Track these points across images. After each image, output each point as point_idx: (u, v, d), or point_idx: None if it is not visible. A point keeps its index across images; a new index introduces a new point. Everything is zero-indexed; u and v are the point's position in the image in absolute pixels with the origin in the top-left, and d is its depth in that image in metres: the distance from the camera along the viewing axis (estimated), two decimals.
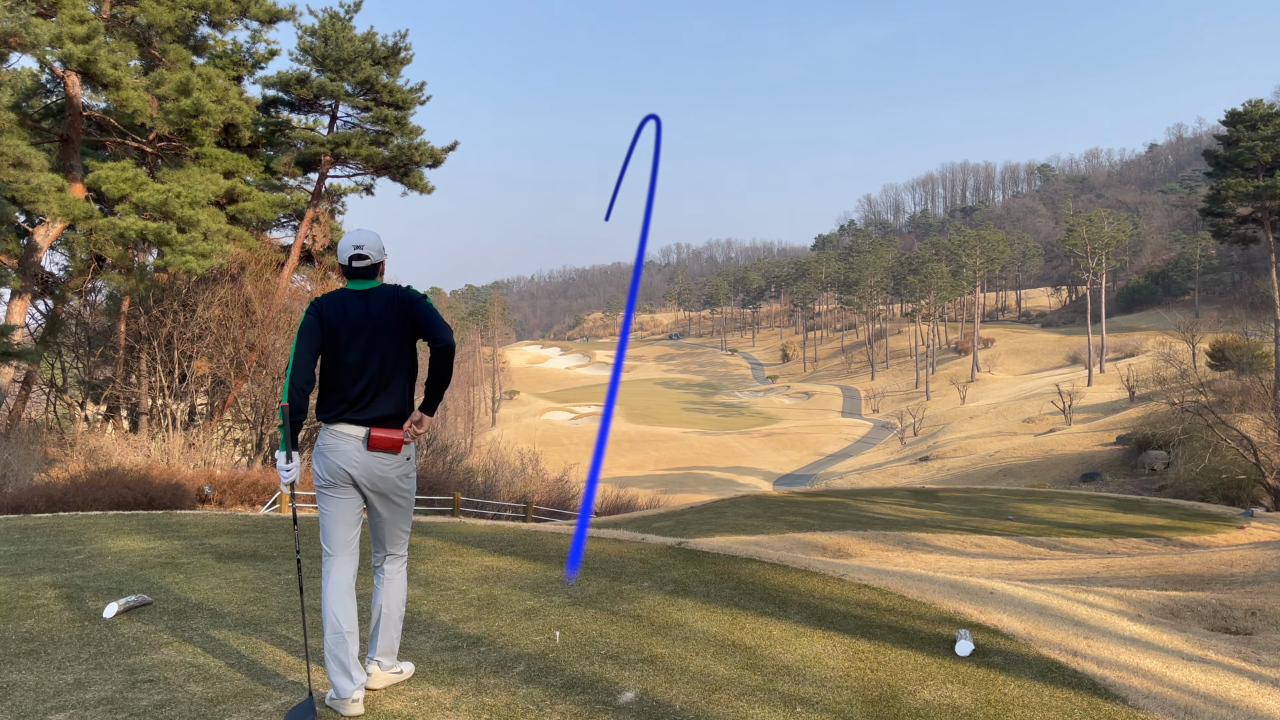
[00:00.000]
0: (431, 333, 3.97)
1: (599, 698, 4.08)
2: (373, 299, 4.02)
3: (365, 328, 3.95)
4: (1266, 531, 21.57)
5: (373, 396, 3.92)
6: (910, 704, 4.22)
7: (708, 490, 63.06)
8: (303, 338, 3.92)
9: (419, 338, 4.05)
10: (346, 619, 3.84)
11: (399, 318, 3.98)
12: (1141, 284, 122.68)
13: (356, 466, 3.88)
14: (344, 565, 3.95)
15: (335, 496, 3.94)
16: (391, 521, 4.07)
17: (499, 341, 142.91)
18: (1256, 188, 51.88)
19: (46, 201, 20.66)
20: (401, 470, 4.00)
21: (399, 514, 4.08)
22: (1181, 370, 55.87)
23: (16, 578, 6.22)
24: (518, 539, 8.53)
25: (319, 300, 4.05)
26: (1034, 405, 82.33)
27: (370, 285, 4.07)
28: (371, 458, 3.90)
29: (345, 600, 3.88)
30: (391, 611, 4.06)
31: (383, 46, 29.03)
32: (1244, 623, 7.24)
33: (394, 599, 4.06)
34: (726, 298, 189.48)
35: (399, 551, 4.14)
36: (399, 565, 4.14)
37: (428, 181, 30.50)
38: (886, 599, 6.44)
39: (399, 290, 4.06)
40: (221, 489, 19.00)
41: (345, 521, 3.97)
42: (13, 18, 19.22)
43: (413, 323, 4.00)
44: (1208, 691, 4.90)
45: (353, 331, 3.94)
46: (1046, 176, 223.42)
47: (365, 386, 3.92)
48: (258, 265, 26.63)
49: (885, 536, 17.33)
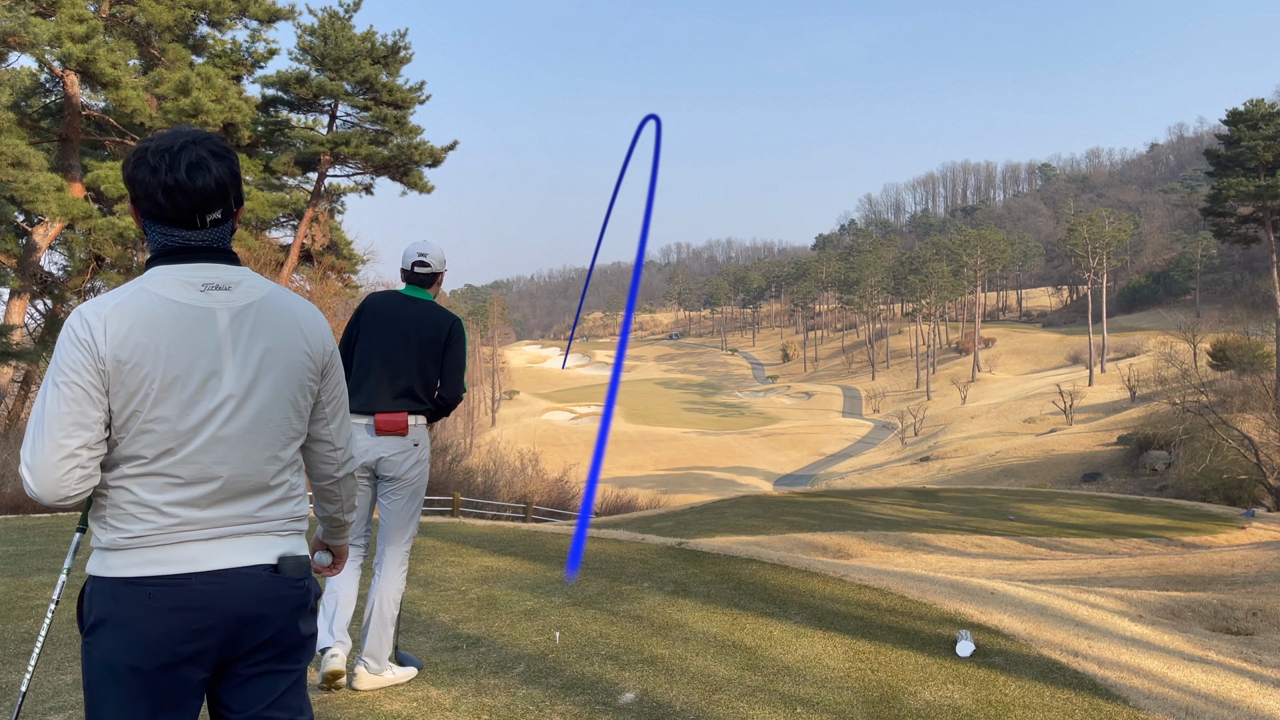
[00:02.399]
0: (448, 376, 4.15)
1: (599, 698, 4.06)
2: (417, 308, 4.18)
3: (400, 333, 4.10)
4: (1267, 532, 21.56)
5: (385, 393, 4.05)
6: (911, 704, 4.21)
7: (708, 490, 63.05)
8: (344, 333, 4.18)
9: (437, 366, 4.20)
10: (339, 584, 4.01)
11: (432, 337, 4.13)
12: (1142, 284, 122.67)
13: (366, 453, 4.00)
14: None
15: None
16: (393, 512, 4.10)
17: (499, 341, 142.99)
18: (1258, 187, 51.86)
19: (45, 201, 20.66)
20: (408, 456, 4.06)
21: (402, 506, 4.10)
22: (1182, 370, 55.83)
23: (16, 578, 6.21)
24: (518, 539, 8.52)
25: (368, 297, 4.28)
26: (1035, 405, 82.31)
27: (421, 295, 4.25)
28: (378, 442, 4.00)
29: (346, 573, 4.04)
30: (382, 610, 4.02)
31: (382, 46, 29.03)
32: (1245, 623, 7.23)
33: (385, 596, 4.03)
34: (727, 297, 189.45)
35: (398, 548, 4.13)
36: (395, 563, 4.12)
37: (427, 181, 30.51)
38: (887, 599, 6.43)
39: (446, 315, 4.20)
40: None
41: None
42: (12, 17, 19.22)
43: (439, 350, 4.15)
44: (1209, 692, 4.89)
45: (387, 333, 4.10)
46: (1047, 176, 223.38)
47: (380, 384, 4.05)
48: (257, 265, 26.61)
49: (886, 537, 17.32)
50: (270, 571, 1.94)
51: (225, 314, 1.92)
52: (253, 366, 1.94)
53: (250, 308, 1.96)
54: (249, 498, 1.94)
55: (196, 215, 1.92)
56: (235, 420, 1.91)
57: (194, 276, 1.92)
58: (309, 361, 2.04)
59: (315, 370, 2.06)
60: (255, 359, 1.94)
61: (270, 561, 1.95)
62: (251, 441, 1.93)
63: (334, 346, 2.12)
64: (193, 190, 1.89)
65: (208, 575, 1.86)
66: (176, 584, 1.83)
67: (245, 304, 1.95)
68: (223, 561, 1.88)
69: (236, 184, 1.98)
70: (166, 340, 1.86)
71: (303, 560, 2.01)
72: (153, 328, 1.85)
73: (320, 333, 2.08)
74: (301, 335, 2.03)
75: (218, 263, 1.96)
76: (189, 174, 1.89)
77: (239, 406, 1.92)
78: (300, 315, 2.05)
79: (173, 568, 1.84)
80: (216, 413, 1.89)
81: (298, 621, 1.99)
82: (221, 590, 1.86)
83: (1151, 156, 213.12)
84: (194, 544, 1.87)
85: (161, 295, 1.89)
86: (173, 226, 1.93)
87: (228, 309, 1.93)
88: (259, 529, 1.95)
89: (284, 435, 1.99)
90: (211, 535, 1.89)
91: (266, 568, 1.94)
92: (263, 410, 1.95)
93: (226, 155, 1.96)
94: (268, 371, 1.96)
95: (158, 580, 1.82)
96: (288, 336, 2.00)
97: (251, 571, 1.91)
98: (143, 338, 1.84)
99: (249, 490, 1.94)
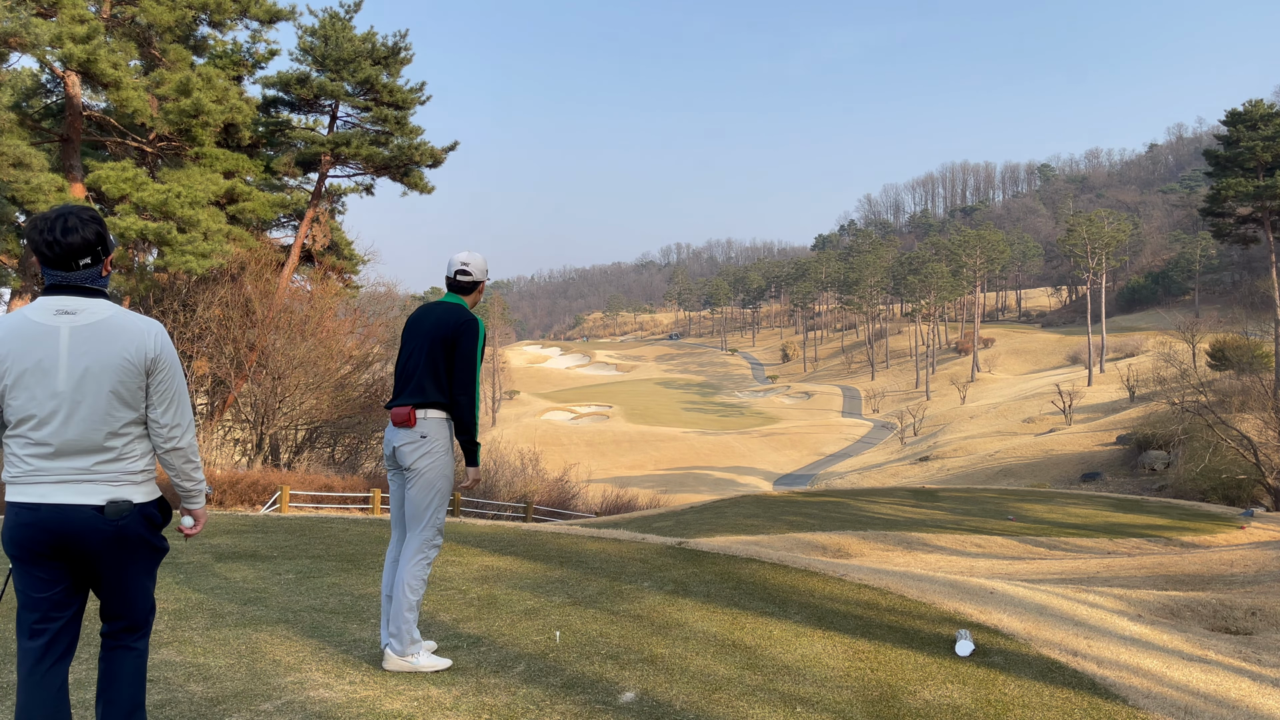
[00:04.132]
0: (456, 373, 4.29)
1: (599, 698, 4.08)
2: (442, 310, 4.40)
3: (421, 334, 4.36)
4: (1266, 531, 21.59)
5: (400, 389, 4.38)
6: (910, 704, 4.22)
7: (708, 490, 63.05)
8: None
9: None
10: (385, 585, 4.37)
11: (444, 334, 4.29)
12: (1141, 284, 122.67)
13: (389, 445, 4.35)
14: (393, 539, 4.45)
15: (390, 477, 4.49)
16: (409, 500, 4.33)
17: (499, 341, 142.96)
18: (1256, 187, 51.87)
19: (46, 201, 20.66)
20: (416, 448, 4.25)
21: (415, 494, 4.31)
22: (1181, 370, 55.83)
23: None
24: (518, 539, 8.53)
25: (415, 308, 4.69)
26: (1034, 405, 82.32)
27: (454, 300, 4.48)
28: (394, 433, 4.31)
29: (388, 569, 4.39)
30: (399, 595, 4.23)
31: (383, 46, 29.03)
32: (1244, 623, 7.24)
33: (403, 581, 4.24)
34: (726, 298, 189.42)
35: (417, 535, 4.32)
36: (414, 549, 4.30)
37: (428, 181, 30.51)
38: (887, 599, 6.44)
39: (463, 314, 4.35)
40: (221, 489, 19.01)
41: (394, 499, 4.45)
42: (13, 18, 19.22)
43: (450, 346, 4.29)
44: (1208, 691, 4.90)
45: (413, 335, 4.41)
46: (1046, 176, 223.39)
47: (399, 381, 4.41)
48: (258, 265, 26.62)
49: (885, 536, 17.33)
50: (95, 511, 2.83)
51: (66, 331, 2.80)
52: (80, 366, 2.79)
53: (87, 327, 2.81)
54: (83, 455, 2.83)
55: (71, 261, 2.81)
56: (65, 403, 2.79)
57: (52, 305, 2.81)
58: (129, 365, 2.85)
59: (137, 371, 2.87)
60: (82, 362, 2.79)
61: (98, 503, 2.84)
62: (82, 418, 2.79)
63: (160, 353, 2.90)
64: (66, 245, 2.78)
65: (50, 507, 2.81)
66: (31, 509, 2.81)
67: (84, 324, 2.81)
68: (61, 499, 2.81)
69: (103, 240, 2.86)
70: (21, 346, 2.78)
71: (123, 505, 2.86)
72: (16, 336, 2.78)
73: (142, 344, 2.87)
74: (125, 346, 2.85)
75: (77, 295, 2.84)
76: (63, 234, 2.77)
77: (71, 394, 2.79)
78: (128, 331, 2.86)
79: (31, 498, 2.82)
80: (53, 397, 2.79)
81: (116, 549, 2.88)
82: (58, 518, 2.80)
83: (1150, 157, 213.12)
84: (45, 485, 2.82)
85: (28, 316, 2.81)
86: (55, 269, 2.82)
87: (69, 327, 2.80)
88: (93, 479, 2.84)
89: (109, 415, 2.83)
90: (57, 480, 2.82)
91: (93, 507, 2.83)
92: (87, 397, 2.81)
93: (95, 220, 2.84)
94: (90, 371, 2.81)
95: (25, 506, 2.82)
96: (111, 347, 2.82)
97: (80, 508, 2.82)
98: (12, 344, 2.79)
99: (83, 450, 2.82)
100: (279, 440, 28.33)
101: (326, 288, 30.35)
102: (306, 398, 27.24)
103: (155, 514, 2.98)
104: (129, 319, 2.88)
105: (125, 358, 2.83)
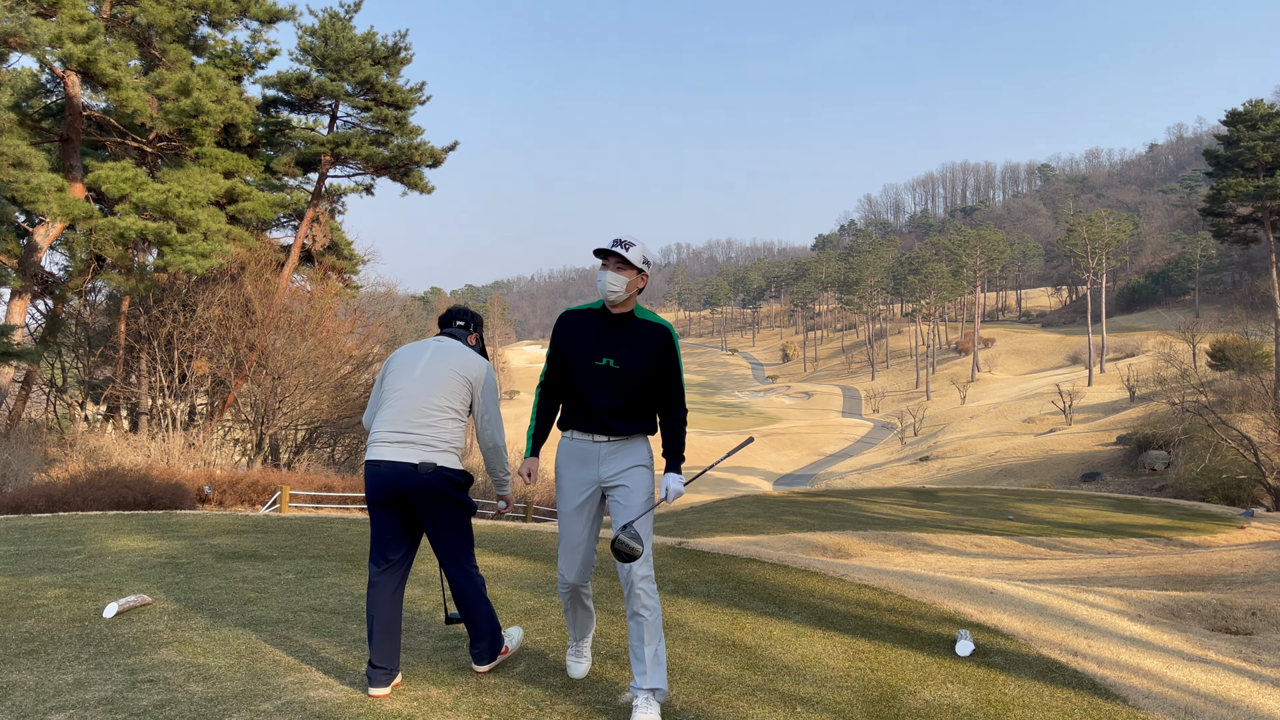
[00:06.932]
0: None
1: (599, 698, 4.07)
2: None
3: (417, 364, 4.42)
4: (1267, 531, 21.60)
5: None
6: (910, 704, 4.22)
7: (708, 490, 63.04)
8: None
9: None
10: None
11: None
12: (1142, 284, 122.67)
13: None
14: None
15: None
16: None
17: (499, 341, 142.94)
18: (1257, 187, 51.88)
19: (46, 201, 20.66)
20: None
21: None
22: (1182, 370, 55.85)
23: (16, 578, 6.22)
24: (518, 539, 8.53)
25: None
26: (1034, 405, 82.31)
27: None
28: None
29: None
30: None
31: (383, 46, 29.03)
32: (1244, 623, 7.24)
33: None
34: (726, 298, 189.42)
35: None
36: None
37: (427, 181, 30.52)
38: (887, 599, 6.44)
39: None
40: (221, 489, 19.01)
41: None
42: (13, 18, 19.21)
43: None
44: (1208, 691, 4.90)
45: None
46: (1046, 176, 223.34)
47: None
48: (258, 265, 26.61)
49: (885, 536, 17.34)
50: (412, 468, 3.97)
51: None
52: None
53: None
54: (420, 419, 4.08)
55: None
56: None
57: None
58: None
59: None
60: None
61: (414, 461, 3.98)
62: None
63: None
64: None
65: (386, 463, 4.00)
66: (376, 464, 4.01)
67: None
68: (392, 456, 4.00)
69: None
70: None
71: (428, 464, 3.98)
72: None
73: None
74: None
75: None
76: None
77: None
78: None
79: (377, 456, 4.02)
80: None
81: (427, 496, 3.99)
82: (392, 471, 3.98)
83: (1150, 157, 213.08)
84: (385, 446, 4.03)
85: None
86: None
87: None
88: (418, 442, 4.01)
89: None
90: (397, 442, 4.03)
91: (410, 465, 3.97)
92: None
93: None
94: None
95: (374, 462, 4.01)
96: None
97: (405, 465, 3.98)
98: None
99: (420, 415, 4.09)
100: (279, 440, 28.34)
101: (326, 288, 30.35)
102: (306, 398, 27.25)
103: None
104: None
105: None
